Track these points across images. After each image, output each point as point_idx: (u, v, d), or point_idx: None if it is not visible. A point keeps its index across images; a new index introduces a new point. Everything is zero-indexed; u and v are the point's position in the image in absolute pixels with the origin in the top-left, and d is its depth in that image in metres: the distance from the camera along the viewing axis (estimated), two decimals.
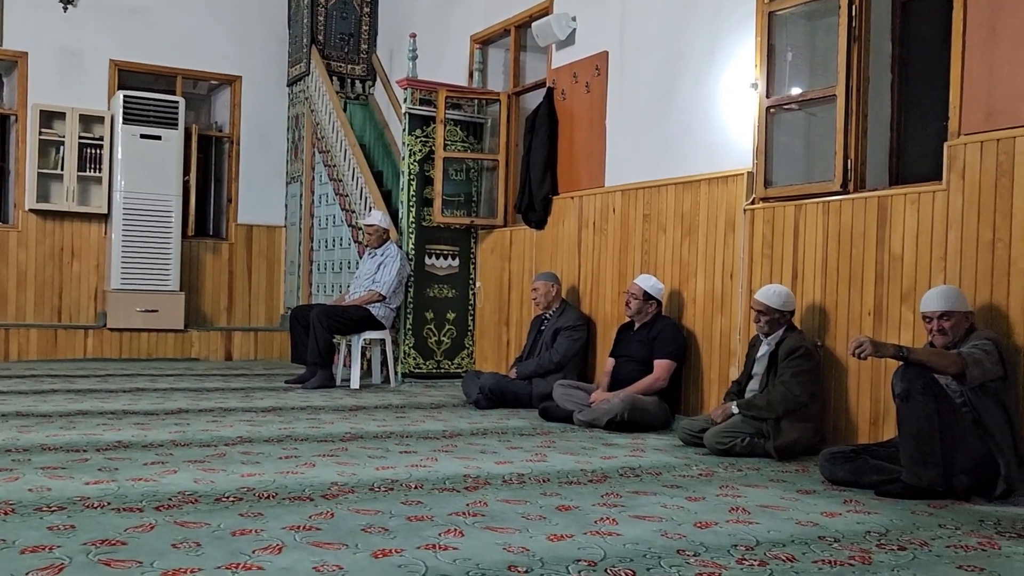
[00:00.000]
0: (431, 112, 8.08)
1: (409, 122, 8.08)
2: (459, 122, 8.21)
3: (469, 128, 8.27)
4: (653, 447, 4.99)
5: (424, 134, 8.10)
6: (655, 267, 6.25)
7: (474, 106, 8.31)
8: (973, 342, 3.95)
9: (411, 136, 8.07)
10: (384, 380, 7.94)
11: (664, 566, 2.62)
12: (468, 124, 8.26)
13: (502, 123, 8.13)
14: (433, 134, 8.08)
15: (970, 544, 3.05)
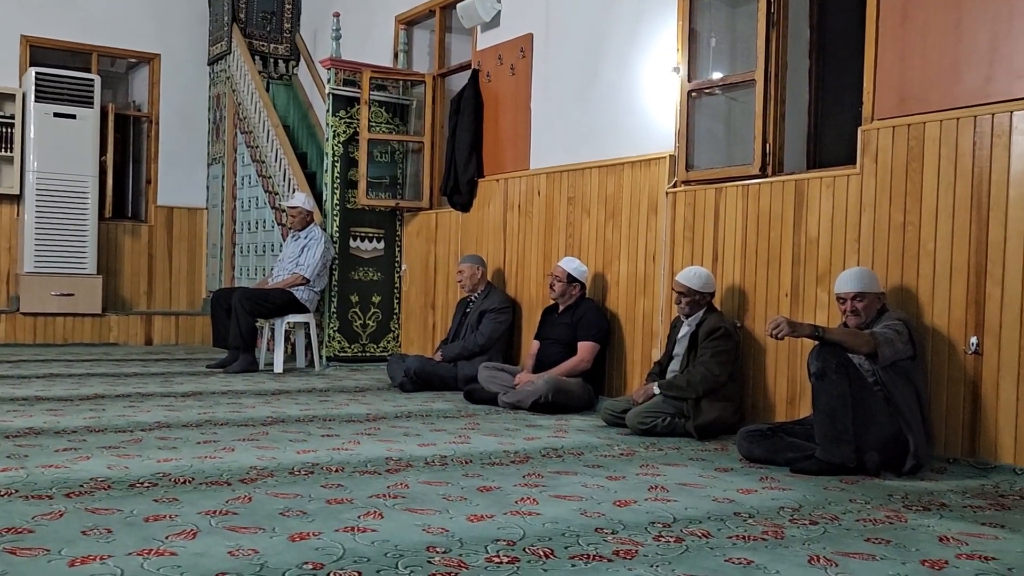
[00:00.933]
0: (355, 93, 7.99)
1: (333, 103, 7.98)
2: (384, 103, 8.13)
3: (394, 110, 8.20)
4: (576, 428, 5.03)
5: (348, 115, 8.01)
6: (579, 250, 6.28)
7: (399, 87, 8.24)
8: (885, 322, 4.06)
9: (335, 117, 7.97)
10: (308, 364, 7.86)
11: (582, 544, 2.64)
12: (393, 106, 8.19)
13: (427, 105, 8.08)
14: (357, 115, 7.99)
15: (878, 518, 3.14)
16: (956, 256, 4.17)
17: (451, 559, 2.43)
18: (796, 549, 2.69)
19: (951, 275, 4.19)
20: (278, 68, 10.17)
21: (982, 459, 4.05)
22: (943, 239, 4.22)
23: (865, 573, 2.46)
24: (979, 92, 4.10)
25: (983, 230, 4.07)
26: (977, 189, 4.10)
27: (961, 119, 4.16)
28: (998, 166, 4.02)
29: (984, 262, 4.07)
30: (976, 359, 4.09)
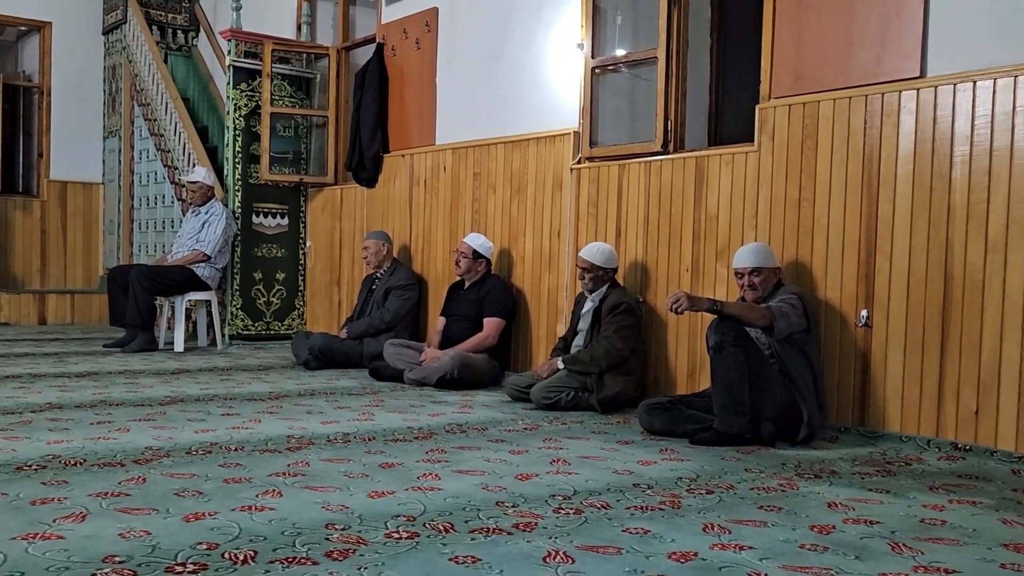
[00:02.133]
0: (257, 65, 7.81)
1: (234, 75, 7.80)
2: (287, 77, 7.98)
3: (297, 83, 8.06)
4: (482, 403, 5.04)
5: (250, 88, 7.84)
6: (485, 226, 6.28)
7: (302, 60, 8.09)
8: (781, 296, 4.16)
9: (236, 90, 7.79)
10: (211, 343, 7.70)
11: (482, 518, 2.65)
12: (296, 79, 8.05)
13: (331, 79, 7.96)
14: (259, 88, 7.82)
15: (772, 486, 3.23)
16: (848, 232, 4.29)
17: (350, 536, 2.42)
18: (692, 518, 2.75)
19: (843, 250, 4.31)
20: (177, 39, 9.87)
21: (871, 427, 4.20)
22: (836, 215, 4.34)
23: (756, 539, 2.53)
24: (870, 71, 4.22)
25: (873, 206, 4.20)
26: (868, 167, 4.22)
27: (853, 98, 4.28)
28: (887, 144, 4.15)
29: (874, 238, 4.20)
30: (866, 331, 4.23)
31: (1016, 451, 3.71)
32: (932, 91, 4.00)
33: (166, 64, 9.16)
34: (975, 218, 3.86)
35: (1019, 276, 3.72)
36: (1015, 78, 3.74)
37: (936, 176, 3.98)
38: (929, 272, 4.01)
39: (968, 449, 3.83)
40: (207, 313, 7.65)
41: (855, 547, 2.49)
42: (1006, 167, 3.76)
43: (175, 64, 9.63)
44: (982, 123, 3.84)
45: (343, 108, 7.96)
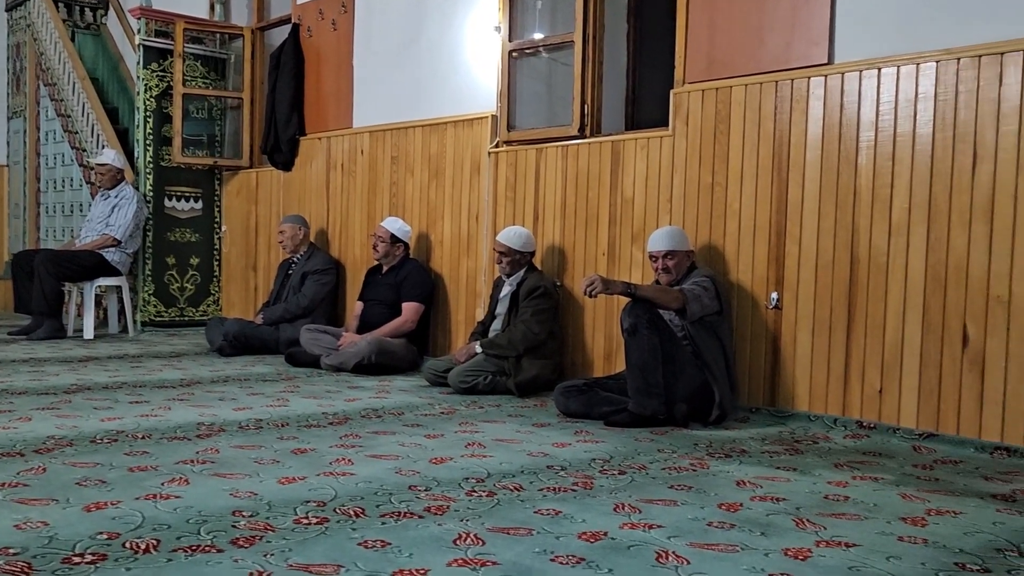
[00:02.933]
0: (168, 45, 7.62)
1: (144, 55, 7.59)
2: (200, 57, 7.80)
3: (211, 64, 7.88)
4: (399, 388, 5.01)
5: (161, 68, 7.64)
6: (403, 209, 6.23)
7: (216, 40, 7.92)
8: (694, 279, 4.22)
9: (146, 70, 7.59)
10: (122, 330, 7.51)
11: (394, 502, 2.64)
12: (210, 59, 7.87)
13: (246, 60, 7.80)
14: (171, 69, 7.63)
15: (683, 466, 3.28)
16: (759, 215, 4.37)
17: (257, 522, 2.38)
18: (603, 498, 2.77)
19: (754, 233, 4.39)
20: (85, 17, 9.55)
21: (781, 407, 4.29)
22: (747, 199, 4.41)
23: (666, 518, 2.56)
24: (780, 58, 4.29)
25: (783, 191, 4.28)
26: (778, 151, 4.30)
27: (764, 84, 4.34)
28: (797, 129, 4.23)
29: (784, 221, 4.28)
30: (776, 313, 4.31)
31: (917, 428, 3.83)
32: (839, 77, 4.09)
33: (73, 43, 8.86)
34: (880, 202, 3.96)
35: (920, 259, 3.83)
36: (917, 65, 3.84)
37: (843, 161, 4.07)
38: (836, 255, 4.10)
39: (872, 427, 3.94)
40: (118, 299, 7.45)
41: (761, 524, 2.54)
42: (909, 152, 3.87)
43: (83, 43, 9.32)
44: (886, 109, 3.94)
45: (258, 90, 7.81)
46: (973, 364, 3.69)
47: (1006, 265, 3.60)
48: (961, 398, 3.73)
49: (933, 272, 3.80)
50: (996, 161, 3.62)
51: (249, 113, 7.78)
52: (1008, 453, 3.55)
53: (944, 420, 3.77)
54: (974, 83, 3.69)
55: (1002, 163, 3.61)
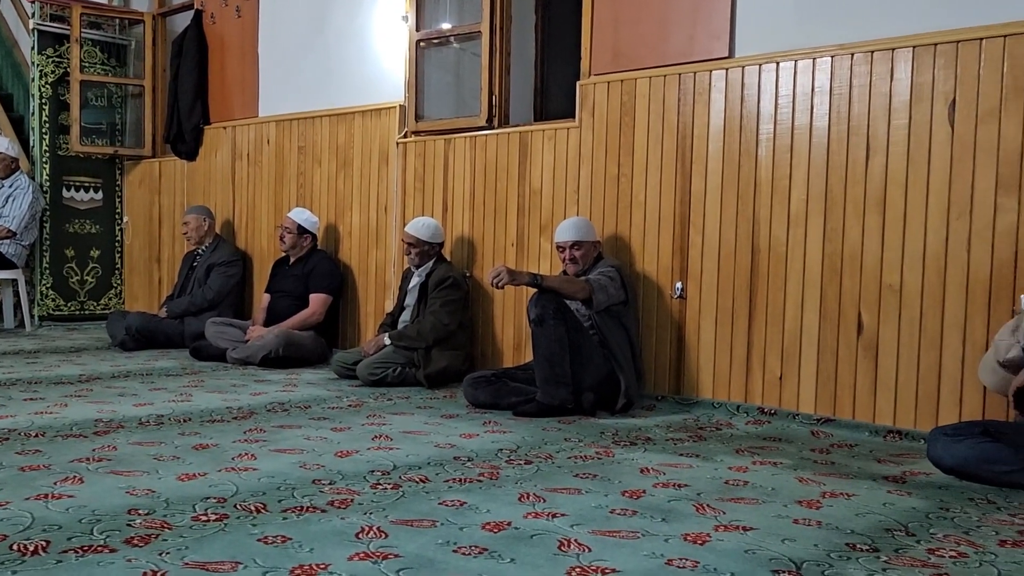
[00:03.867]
0: (65, 30, 7.37)
1: (39, 40, 7.33)
2: (98, 43, 7.57)
3: (110, 50, 7.65)
4: (307, 381, 4.95)
5: (57, 54, 7.39)
6: (311, 200, 6.15)
7: (115, 26, 7.68)
8: (600, 270, 4.26)
9: (42, 56, 7.33)
10: (18, 324, 7.26)
11: (297, 497, 2.61)
12: (109, 45, 7.64)
13: (147, 46, 7.59)
14: (68, 55, 7.38)
15: (589, 454, 3.31)
16: (664, 206, 4.43)
17: (154, 520, 2.32)
18: (508, 488, 2.78)
19: (659, 224, 4.45)
20: None
21: (685, 395, 4.37)
22: (652, 190, 4.47)
23: (570, 506, 2.59)
24: (683, 51, 4.35)
25: (687, 182, 4.35)
26: (682, 143, 4.36)
27: (668, 76, 4.40)
28: (699, 122, 4.30)
29: (688, 212, 4.35)
30: (681, 303, 4.39)
31: (815, 413, 3.94)
32: (740, 71, 4.17)
33: None
34: (779, 193, 4.05)
35: (817, 249, 3.94)
36: (813, 60, 3.94)
37: (744, 153, 4.16)
38: (738, 245, 4.19)
39: (773, 413, 4.04)
40: (14, 293, 7.19)
41: (662, 510, 2.58)
42: (806, 145, 3.97)
43: None
44: (784, 103, 4.03)
45: (160, 77, 7.61)
46: (867, 350, 3.81)
47: (897, 254, 3.72)
48: (856, 384, 3.85)
49: (829, 261, 3.91)
50: (888, 154, 3.74)
51: (151, 101, 7.57)
52: (900, 436, 3.68)
53: (840, 405, 3.89)
54: (867, 78, 3.80)
55: (893, 156, 3.73)
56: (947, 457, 3.03)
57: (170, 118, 7.13)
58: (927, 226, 3.65)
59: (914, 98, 3.68)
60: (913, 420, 3.68)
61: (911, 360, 3.70)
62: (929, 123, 3.65)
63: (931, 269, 3.64)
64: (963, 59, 3.56)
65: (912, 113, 3.69)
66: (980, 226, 3.52)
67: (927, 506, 2.70)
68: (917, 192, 3.67)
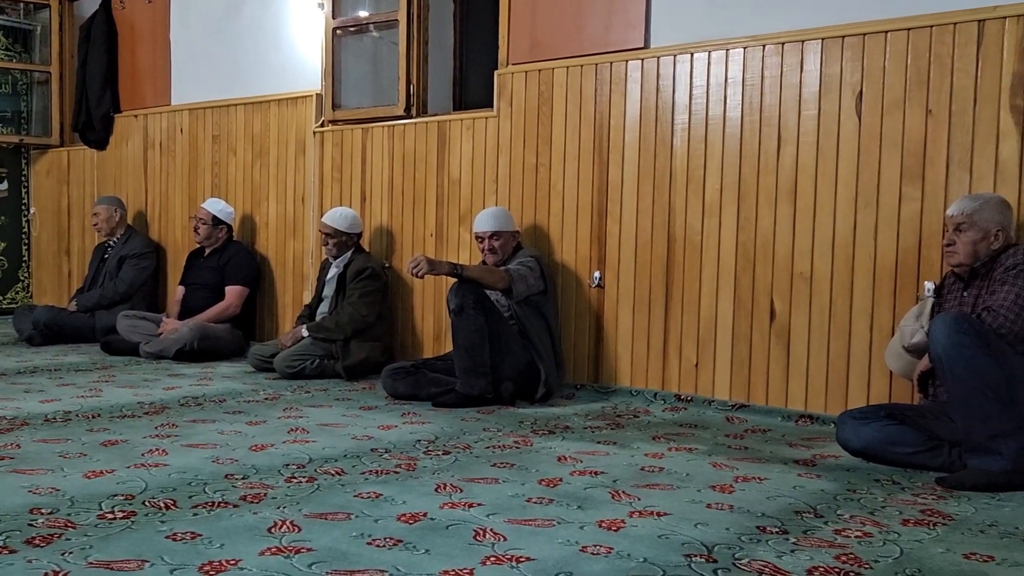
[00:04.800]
0: None
1: None
2: (2, 27, 7.30)
3: (15, 35, 7.39)
4: (223, 375, 4.86)
5: None
6: (226, 190, 6.04)
7: (19, 10, 7.42)
8: (519, 259, 4.27)
9: None
10: None
11: (208, 492, 2.55)
12: (13, 30, 7.38)
13: (53, 31, 7.34)
14: None
15: (507, 444, 3.32)
16: (581, 196, 4.45)
17: (57, 519, 2.25)
18: (425, 479, 2.77)
19: (577, 214, 4.47)
20: None
21: (604, 383, 4.40)
22: (570, 180, 4.49)
23: (486, 496, 2.58)
24: (600, 41, 4.37)
25: (604, 172, 4.38)
26: (599, 133, 4.39)
27: (585, 66, 4.42)
28: (616, 112, 4.33)
29: (605, 202, 4.38)
30: (599, 292, 4.42)
31: (730, 399, 4.01)
32: (655, 61, 4.21)
33: None
34: (693, 183, 4.10)
35: (731, 238, 4.00)
36: (727, 51, 3.99)
37: (660, 143, 4.20)
38: (654, 234, 4.23)
39: (689, 400, 4.10)
40: None
41: (578, 497, 2.60)
42: (720, 135, 4.02)
43: None
44: (699, 93, 4.08)
45: (68, 64, 7.37)
46: (780, 337, 3.89)
47: (808, 243, 3.80)
48: (769, 370, 3.92)
49: (743, 250, 3.97)
50: (798, 144, 3.82)
51: (58, 88, 7.33)
52: (811, 421, 3.76)
53: (754, 391, 3.96)
54: (778, 69, 3.87)
55: (804, 146, 3.81)
56: (855, 440, 3.11)
57: (78, 106, 6.92)
58: (836, 215, 3.74)
59: (823, 89, 3.76)
60: (824, 404, 3.77)
61: (821, 346, 3.78)
62: (838, 114, 3.73)
63: (840, 257, 3.73)
64: (869, 51, 3.65)
65: (821, 104, 3.77)
66: (886, 215, 3.62)
67: (835, 488, 2.77)
68: (826, 182, 3.76)
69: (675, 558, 2.08)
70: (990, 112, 3.40)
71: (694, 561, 2.06)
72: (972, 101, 3.43)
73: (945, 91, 3.49)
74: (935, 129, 3.51)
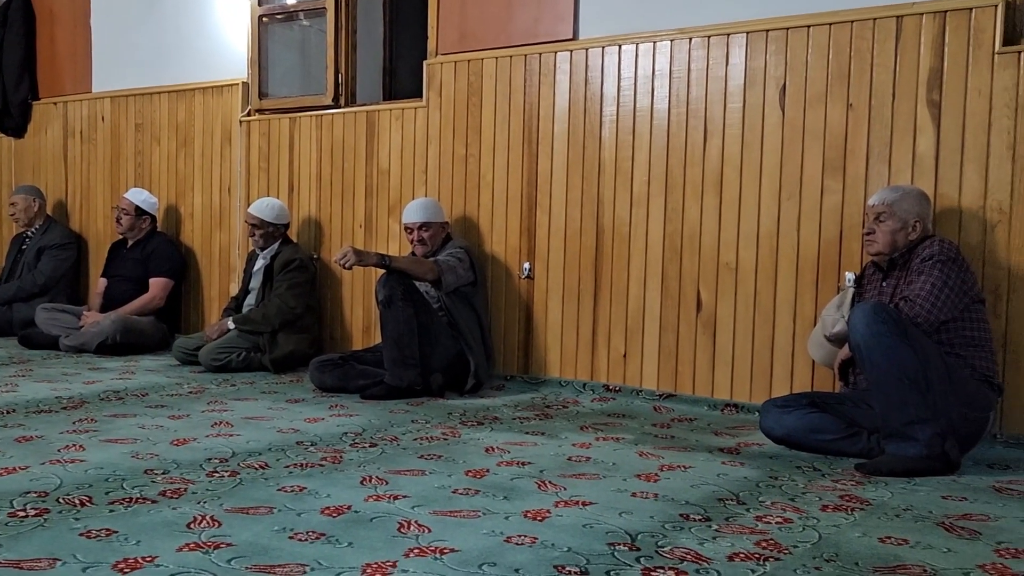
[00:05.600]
0: None
1: None
2: None
3: None
4: (146, 368, 4.76)
5: None
6: (150, 180, 5.90)
7: None
8: (448, 251, 4.25)
9: None
10: None
11: (126, 488, 2.49)
12: None
13: None
14: None
15: (435, 435, 3.30)
16: (511, 187, 4.45)
17: None
18: (351, 472, 2.74)
19: (507, 205, 4.47)
20: None
21: (534, 374, 4.41)
22: (500, 171, 4.48)
23: (412, 488, 2.57)
24: (529, 32, 4.37)
25: (534, 163, 4.38)
26: (528, 124, 4.39)
27: (514, 57, 4.42)
28: (545, 103, 4.33)
29: (535, 193, 4.38)
30: (529, 283, 4.42)
31: (658, 389, 4.04)
32: (584, 53, 4.22)
33: None
34: (622, 174, 4.13)
35: (659, 228, 4.03)
36: (654, 44, 4.02)
37: (588, 135, 4.21)
38: (583, 225, 4.25)
39: (618, 390, 4.13)
40: None
41: (505, 488, 2.59)
42: (648, 127, 4.05)
43: None
44: (627, 85, 4.10)
45: None
46: (706, 327, 3.93)
47: (733, 234, 3.85)
48: (696, 359, 3.97)
49: (670, 241, 4.01)
50: (724, 136, 3.86)
51: None
52: (736, 409, 3.81)
53: (681, 381, 4.00)
54: (704, 62, 3.91)
55: (729, 138, 3.85)
56: (777, 428, 3.16)
57: None
58: (760, 207, 3.79)
59: (748, 82, 3.81)
60: (749, 393, 3.83)
61: (746, 336, 3.84)
62: (762, 107, 3.78)
63: (764, 248, 3.79)
64: (793, 45, 3.70)
65: (746, 97, 3.81)
66: (808, 206, 3.68)
67: (758, 475, 2.81)
68: (751, 174, 3.81)
69: (599, 547, 2.08)
70: (908, 106, 3.48)
71: (617, 550, 2.07)
72: (891, 95, 3.51)
73: (865, 85, 3.56)
74: (855, 123, 3.58)
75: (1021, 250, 3.28)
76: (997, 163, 3.32)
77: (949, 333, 3.04)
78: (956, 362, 3.00)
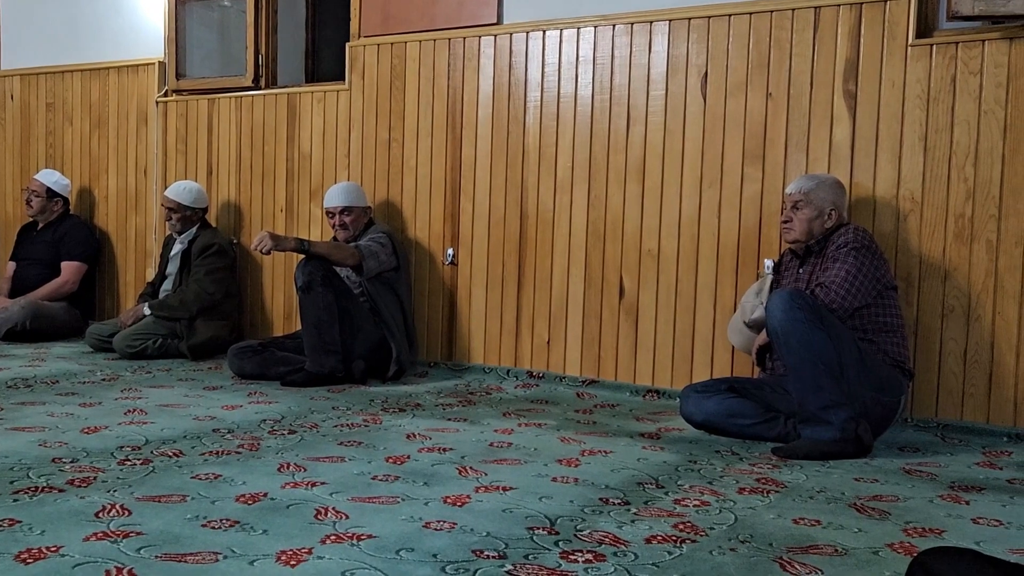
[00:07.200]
0: None
1: None
2: None
3: None
4: (57, 355, 4.62)
5: None
6: (62, 162, 5.72)
7: None
8: (370, 236, 4.20)
9: None
10: None
11: (32, 476, 2.41)
12: None
13: None
14: None
15: (356, 422, 3.26)
16: (435, 172, 4.42)
17: None
18: (268, 459, 2.69)
19: (431, 190, 4.43)
20: None
21: (458, 361, 4.39)
22: (424, 156, 4.44)
23: (331, 475, 2.53)
24: (453, 16, 4.33)
25: (457, 148, 4.35)
26: (452, 109, 4.35)
27: (438, 41, 4.38)
28: (469, 88, 4.30)
29: (459, 179, 4.35)
30: (452, 269, 4.40)
31: (581, 375, 4.06)
32: (508, 38, 4.20)
33: None
34: (546, 161, 4.13)
35: (582, 215, 4.04)
36: (578, 30, 4.02)
37: (512, 120, 4.20)
38: (507, 212, 4.23)
39: (541, 376, 4.13)
40: None
41: (425, 474, 2.57)
42: (571, 113, 4.05)
43: None
44: (551, 71, 4.10)
45: None
46: (628, 314, 3.96)
47: (656, 221, 3.88)
48: (618, 346, 3.99)
49: (593, 228, 4.02)
50: (647, 124, 3.88)
51: None
52: (658, 395, 3.85)
53: (604, 367, 4.02)
54: (628, 49, 3.92)
55: (652, 126, 3.87)
56: (697, 413, 3.20)
57: None
58: (682, 194, 3.83)
59: (670, 70, 3.83)
60: (670, 379, 3.87)
61: (668, 322, 3.87)
62: (684, 95, 3.81)
63: (686, 235, 3.82)
64: (714, 34, 3.74)
65: (669, 85, 3.84)
66: (729, 194, 3.73)
67: (677, 459, 2.84)
68: (673, 161, 3.84)
69: (518, 531, 2.08)
70: (825, 96, 3.54)
71: (536, 534, 2.07)
72: (809, 85, 3.57)
73: (784, 75, 3.61)
74: (775, 112, 3.63)
75: (932, 238, 3.37)
76: (909, 153, 3.40)
77: (863, 319, 3.11)
78: (869, 347, 3.07)
